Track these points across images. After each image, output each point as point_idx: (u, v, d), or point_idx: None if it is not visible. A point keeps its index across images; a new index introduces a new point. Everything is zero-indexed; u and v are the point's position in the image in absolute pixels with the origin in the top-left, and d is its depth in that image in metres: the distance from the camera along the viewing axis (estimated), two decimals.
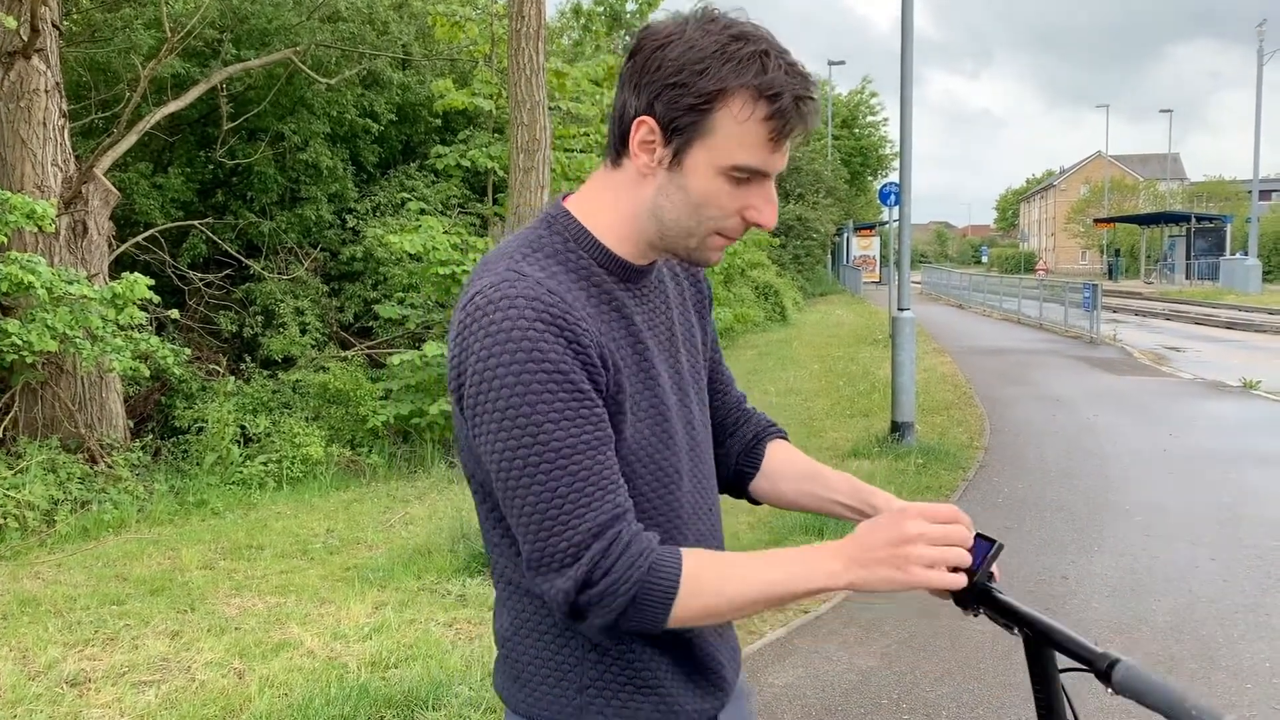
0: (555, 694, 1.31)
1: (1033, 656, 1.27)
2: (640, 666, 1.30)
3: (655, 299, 1.37)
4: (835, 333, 22.12)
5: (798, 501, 1.54)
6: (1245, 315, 25.70)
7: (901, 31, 9.74)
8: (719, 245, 1.29)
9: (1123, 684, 1.11)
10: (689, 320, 1.46)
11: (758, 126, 1.19)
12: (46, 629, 4.85)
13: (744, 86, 1.18)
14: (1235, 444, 9.15)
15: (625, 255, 1.32)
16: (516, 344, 1.17)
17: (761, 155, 1.21)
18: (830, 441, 9.57)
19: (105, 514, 7.25)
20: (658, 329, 1.36)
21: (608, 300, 1.29)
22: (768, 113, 1.19)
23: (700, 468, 1.40)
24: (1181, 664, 4.36)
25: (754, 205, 1.25)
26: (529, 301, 1.18)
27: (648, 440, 1.29)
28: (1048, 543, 6.19)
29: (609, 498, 1.19)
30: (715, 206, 1.24)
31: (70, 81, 10.45)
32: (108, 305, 7.41)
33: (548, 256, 1.27)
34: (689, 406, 1.38)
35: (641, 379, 1.30)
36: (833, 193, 38.77)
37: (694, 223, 1.26)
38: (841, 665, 4.42)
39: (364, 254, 11.87)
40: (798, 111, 1.20)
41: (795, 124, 1.21)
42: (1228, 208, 55.11)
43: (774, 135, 1.20)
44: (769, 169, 1.23)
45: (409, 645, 4.54)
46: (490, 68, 11.00)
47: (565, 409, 1.17)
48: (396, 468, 9.19)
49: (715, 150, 1.21)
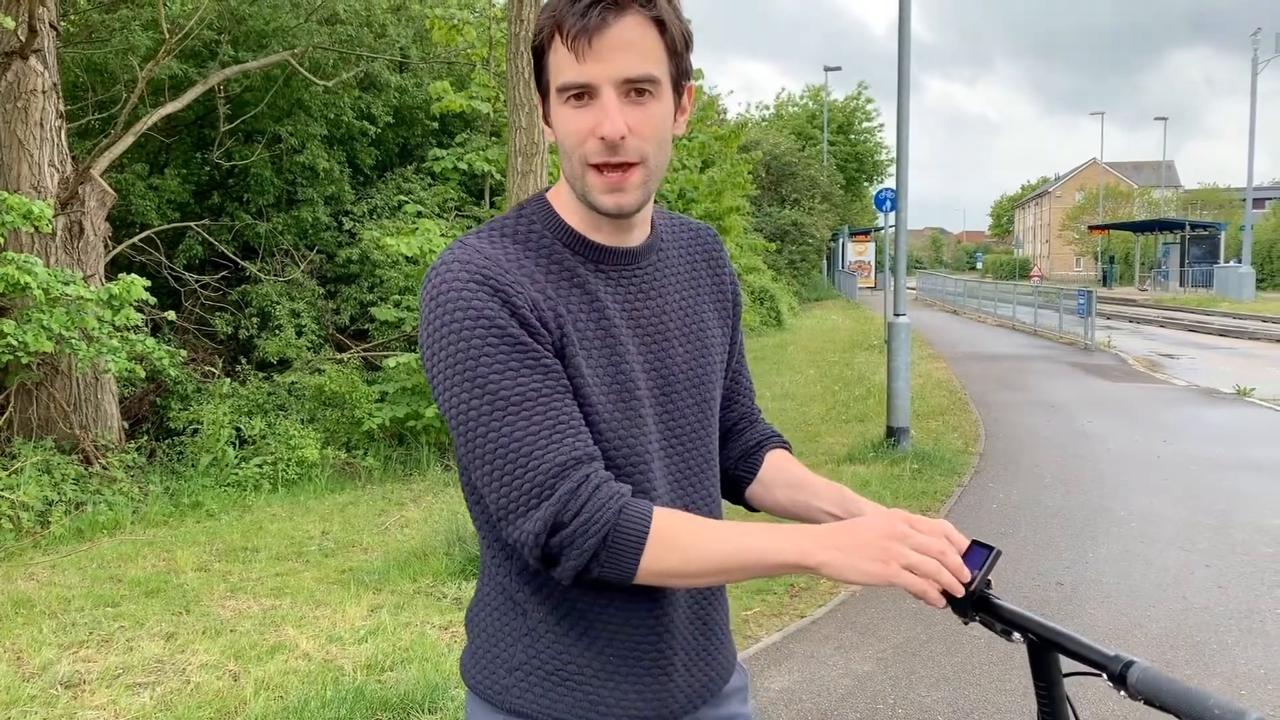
0: (489, 669, 1.35)
1: (1037, 662, 1.26)
2: (568, 659, 1.30)
3: (643, 286, 1.38)
4: (831, 338, 22.14)
5: (789, 509, 1.54)
6: (1239, 323, 25.79)
7: (898, 38, 9.77)
8: (599, 184, 1.26)
9: (1139, 687, 1.08)
10: (699, 317, 1.45)
11: (560, 47, 1.23)
12: (41, 630, 4.84)
13: (547, 22, 1.24)
14: (1229, 451, 9.17)
15: (584, 229, 1.34)
16: (454, 304, 1.22)
17: (571, 68, 1.23)
18: (826, 447, 9.58)
19: (100, 515, 7.23)
20: (638, 314, 1.36)
21: (569, 277, 1.30)
22: (557, 27, 1.22)
23: (683, 463, 1.39)
24: (1176, 670, 4.37)
25: (596, 120, 1.23)
26: (462, 265, 1.23)
27: (613, 415, 1.29)
28: (1043, 549, 6.20)
29: (571, 440, 1.20)
30: (569, 136, 1.25)
31: (67, 82, 10.44)
32: (104, 306, 7.39)
33: (504, 235, 1.31)
34: (672, 398, 1.37)
35: (605, 354, 1.30)
36: (828, 198, 38.85)
37: (569, 163, 1.28)
38: (838, 670, 4.42)
39: (360, 256, 11.85)
40: (572, 9, 1.21)
41: (578, 24, 1.20)
42: (1222, 215, 55.26)
43: (569, 44, 1.22)
44: (586, 79, 1.22)
45: (405, 648, 4.54)
46: (488, 71, 11.01)
47: (509, 360, 1.20)
48: (392, 471, 9.18)
49: (552, 88, 1.26)
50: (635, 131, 1.24)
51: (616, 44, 1.21)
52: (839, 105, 52.37)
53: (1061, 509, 7.18)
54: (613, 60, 1.21)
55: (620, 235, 1.36)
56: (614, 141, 1.22)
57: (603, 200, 1.27)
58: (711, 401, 1.44)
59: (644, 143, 1.25)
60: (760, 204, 33.12)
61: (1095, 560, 5.97)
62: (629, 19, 1.22)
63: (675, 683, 1.36)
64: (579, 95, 1.23)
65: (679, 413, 1.38)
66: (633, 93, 1.23)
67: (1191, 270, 44.85)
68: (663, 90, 1.26)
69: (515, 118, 6.10)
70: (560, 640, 1.30)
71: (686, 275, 1.45)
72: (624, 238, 1.36)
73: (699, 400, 1.41)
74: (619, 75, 1.22)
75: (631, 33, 1.22)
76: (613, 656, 1.31)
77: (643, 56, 1.23)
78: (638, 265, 1.37)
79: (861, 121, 53.17)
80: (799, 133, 47.54)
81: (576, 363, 1.26)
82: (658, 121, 1.26)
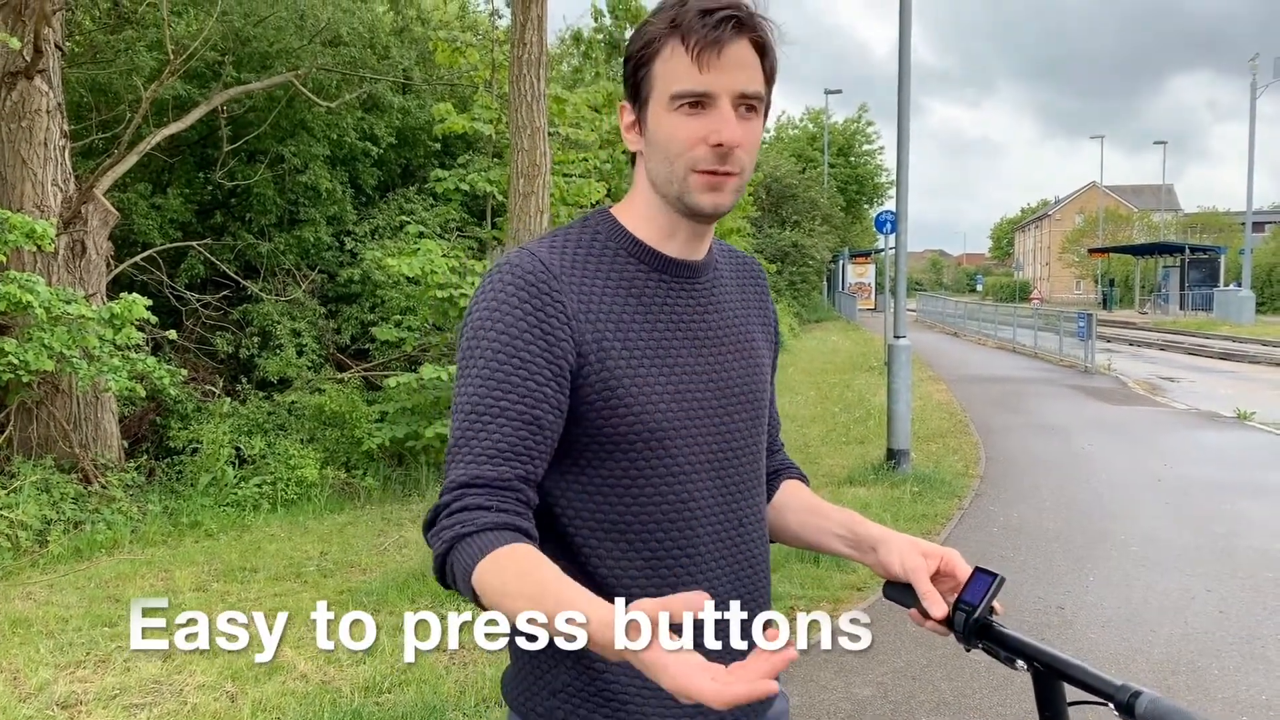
0: (532, 691, 1.36)
1: (1041, 691, 1.25)
2: (611, 679, 1.31)
3: (704, 298, 1.42)
4: (831, 359, 22.14)
5: (799, 533, 1.55)
6: (1239, 346, 25.79)
7: (899, 61, 9.82)
8: (702, 184, 1.31)
9: (1147, 717, 1.08)
10: (749, 331, 1.48)
11: (682, 55, 1.27)
12: (38, 650, 4.82)
13: (662, 31, 1.29)
14: (1230, 475, 9.16)
15: (661, 244, 1.38)
16: (489, 306, 1.29)
17: (692, 76, 1.27)
18: (826, 469, 9.57)
19: (98, 534, 7.21)
20: (698, 324, 1.40)
21: (627, 287, 1.35)
22: (682, 37, 1.27)
23: (735, 474, 1.40)
24: (1177, 697, 4.35)
25: (712, 128, 1.28)
26: (512, 268, 1.30)
27: (660, 424, 1.32)
28: (1043, 573, 6.18)
29: (480, 464, 1.25)
30: (676, 142, 1.30)
31: (72, 102, 10.48)
32: (105, 325, 7.40)
33: (566, 243, 1.35)
34: (728, 409, 1.40)
35: (658, 363, 1.34)
36: (828, 220, 38.92)
37: (669, 170, 1.32)
38: (837, 694, 4.40)
39: (362, 276, 11.87)
40: (704, 23, 1.26)
41: (709, 36, 1.26)
42: (1221, 239, 55.42)
43: (693, 55, 1.27)
44: (707, 88, 1.28)
45: (403, 670, 4.52)
46: (491, 93, 11.07)
47: (498, 371, 1.26)
48: (391, 491, 9.16)
49: (659, 94, 1.30)
50: (741, 144, 1.30)
51: (737, 60, 1.28)
52: (839, 128, 52.57)
53: (1062, 532, 7.17)
54: (733, 74, 1.28)
55: (689, 248, 1.40)
56: (729, 150, 1.29)
57: (702, 199, 1.32)
58: (763, 418, 1.47)
59: (746, 155, 1.32)
60: (761, 225, 33.20)
61: (1096, 584, 5.95)
62: (747, 39, 1.30)
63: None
64: (695, 103, 1.28)
65: (733, 424, 1.40)
66: (743, 108, 1.30)
67: (1191, 293, 44.90)
68: (763, 110, 1.34)
69: (517, 139, 6.13)
70: (601, 660, 1.29)
71: (738, 296, 1.49)
72: (692, 250, 1.41)
73: (752, 415, 1.44)
74: (737, 89, 1.29)
75: (747, 53, 1.30)
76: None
77: (754, 75, 1.31)
78: (700, 278, 1.42)
79: (862, 144, 53.38)
80: (799, 155, 47.70)
81: (618, 372, 1.30)
82: (757, 138, 1.34)
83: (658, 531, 1.32)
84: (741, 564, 1.40)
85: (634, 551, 1.31)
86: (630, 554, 1.31)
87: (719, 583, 1.36)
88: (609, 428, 1.30)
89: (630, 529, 1.31)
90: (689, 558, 1.33)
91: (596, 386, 1.29)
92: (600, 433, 1.30)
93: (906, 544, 1.39)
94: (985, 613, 1.25)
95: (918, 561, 1.35)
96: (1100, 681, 1.15)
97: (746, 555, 1.41)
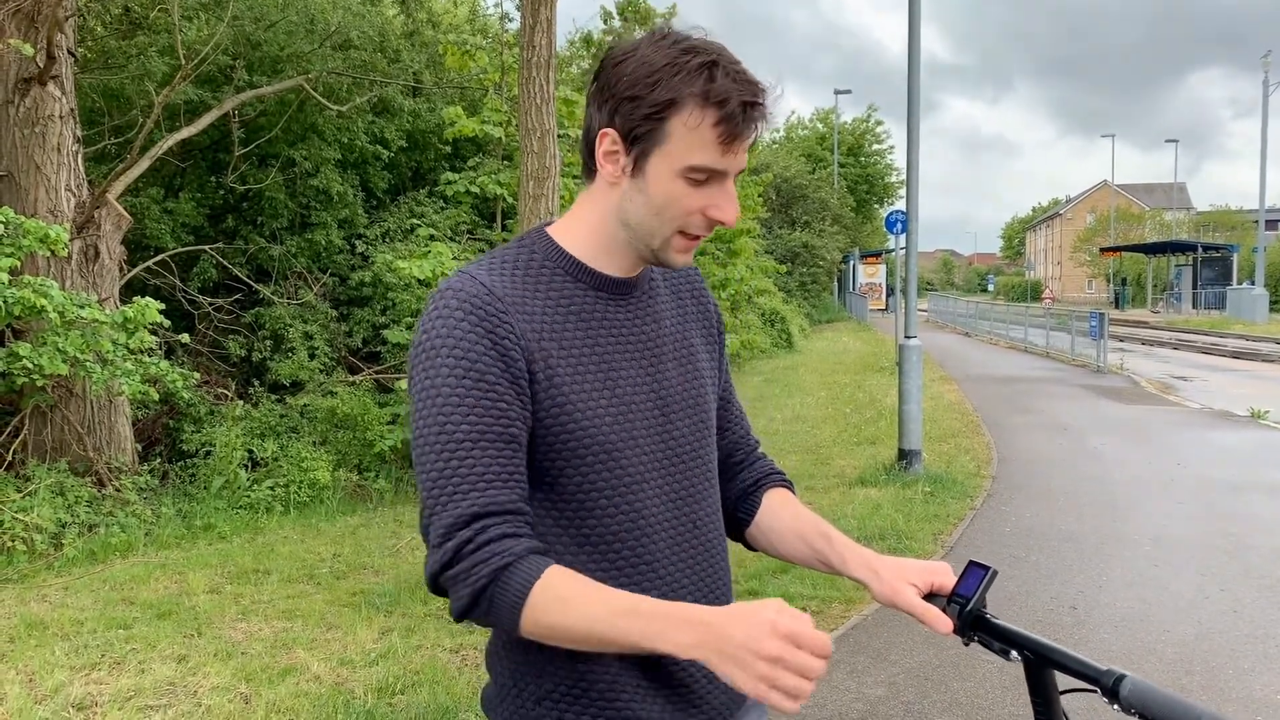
0: (516, 703, 1.37)
1: (1033, 679, 1.31)
2: (595, 678, 1.33)
3: (639, 311, 1.45)
4: (842, 360, 22.11)
5: (781, 551, 1.58)
6: (1252, 345, 25.68)
7: (908, 60, 9.81)
8: (683, 246, 1.36)
9: (1130, 699, 1.13)
10: (687, 339, 1.51)
11: (709, 131, 1.28)
12: (53, 652, 4.85)
13: (693, 95, 1.28)
14: (1243, 474, 9.12)
15: (597, 264, 1.41)
16: (439, 332, 1.28)
17: (714, 156, 1.30)
18: (837, 469, 9.56)
19: (112, 537, 7.26)
20: (635, 337, 1.42)
21: (566, 304, 1.37)
22: (716, 118, 1.28)
23: (683, 480, 1.42)
24: (1191, 696, 4.33)
25: (715, 203, 1.33)
26: (457, 294, 1.30)
27: (606, 435, 1.34)
28: (1056, 573, 6.17)
29: (493, 491, 1.25)
30: (676, 207, 1.33)
31: (84, 107, 10.54)
32: (118, 329, 7.44)
33: (504, 264, 1.37)
34: (670, 417, 1.42)
35: (600, 377, 1.36)
36: (839, 220, 38.87)
37: (656, 224, 1.34)
38: (850, 694, 4.40)
39: (373, 279, 11.89)
40: (745, 116, 1.29)
41: (744, 128, 1.29)
42: (1234, 237, 55.16)
43: (724, 139, 1.29)
44: (724, 168, 1.31)
45: (415, 671, 4.54)
46: (500, 96, 11.09)
47: (468, 396, 1.26)
48: (403, 493, 9.19)
49: (672, 155, 1.30)
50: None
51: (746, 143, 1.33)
52: (848, 127, 52.51)
53: (1075, 532, 7.15)
54: (742, 156, 1.33)
55: (624, 266, 1.43)
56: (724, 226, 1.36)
57: (678, 258, 1.38)
58: (708, 423, 1.50)
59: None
60: (771, 226, 33.19)
61: (1109, 584, 5.93)
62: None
63: (700, 695, 1.39)
64: (706, 177, 1.31)
65: (677, 431, 1.43)
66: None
67: (1204, 292, 44.71)
68: None
69: (527, 142, 6.14)
70: (583, 662, 1.32)
71: (674, 306, 1.53)
72: (629, 269, 1.44)
73: (696, 421, 1.46)
74: (741, 167, 1.34)
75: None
76: (637, 673, 1.34)
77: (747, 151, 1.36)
78: (635, 292, 1.45)
79: (871, 144, 53.29)
80: (809, 155, 47.67)
81: (565, 389, 1.32)
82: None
83: (615, 542, 1.34)
84: (701, 566, 1.43)
85: (595, 563, 1.34)
86: (593, 565, 1.33)
87: (679, 587, 1.39)
88: (559, 444, 1.31)
89: (589, 540, 1.34)
90: (647, 564, 1.36)
91: (545, 404, 1.31)
92: (552, 449, 1.32)
93: (889, 582, 1.41)
94: (979, 604, 1.31)
95: (905, 598, 1.38)
96: (1086, 667, 1.20)
97: (705, 557, 1.44)
